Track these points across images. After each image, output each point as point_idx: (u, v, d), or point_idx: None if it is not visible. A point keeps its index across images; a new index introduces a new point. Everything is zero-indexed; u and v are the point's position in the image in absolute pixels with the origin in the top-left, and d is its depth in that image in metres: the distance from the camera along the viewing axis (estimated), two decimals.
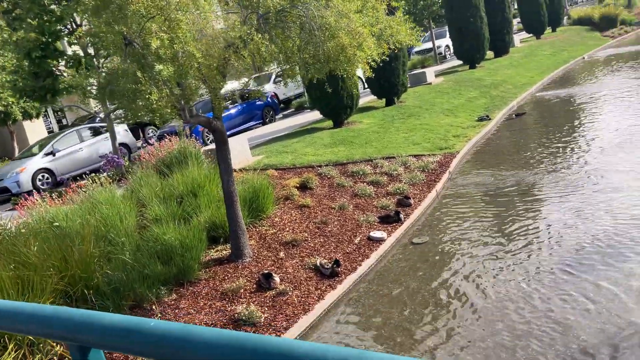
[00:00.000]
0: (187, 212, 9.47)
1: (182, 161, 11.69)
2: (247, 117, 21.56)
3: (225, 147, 8.30)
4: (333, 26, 6.67)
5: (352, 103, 16.24)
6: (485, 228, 9.28)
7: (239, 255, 8.56)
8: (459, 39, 25.06)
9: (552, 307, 6.47)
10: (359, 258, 8.73)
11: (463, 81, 22.26)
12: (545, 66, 25.73)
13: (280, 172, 12.46)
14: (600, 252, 7.51)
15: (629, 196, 9.09)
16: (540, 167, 11.72)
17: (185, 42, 6.28)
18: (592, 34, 35.21)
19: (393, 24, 8.05)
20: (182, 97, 6.86)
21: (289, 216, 10.18)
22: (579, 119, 15.79)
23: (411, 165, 12.47)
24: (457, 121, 16.63)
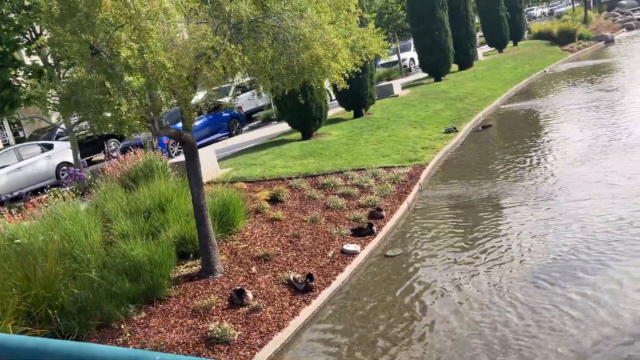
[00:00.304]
0: (155, 227, 9.19)
1: (148, 174, 11.38)
2: (213, 129, 21.29)
3: (196, 160, 8.09)
4: (307, 37, 6.57)
5: (321, 115, 16.19)
6: (457, 240, 9.28)
7: (209, 270, 8.33)
8: (425, 52, 25.37)
9: (527, 320, 6.46)
10: (333, 272, 8.60)
11: (429, 94, 22.50)
12: (509, 79, 26.25)
13: (249, 184, 12.27)
14: (570, 263, 7.57)
15: (594, 207, 9.24)
16: (508, 178, 11.85)
17: (156, 52, 6.08)
18: (552, 48, 36.16)
19: (366, 35, 8.03)
20: (152, 109, 6.65)
21: (260, 230, 10.00)
22: (543, 130, 16.10)
23: (382, 177, 12.45)
24: (425, 133, 16.75)
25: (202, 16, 7.43)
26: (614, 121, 14.98)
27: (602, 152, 12.24)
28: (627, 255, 7.40)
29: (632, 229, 8.11)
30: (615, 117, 15.49)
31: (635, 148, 11.96)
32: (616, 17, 49.55)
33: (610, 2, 63.11)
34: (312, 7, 7.04)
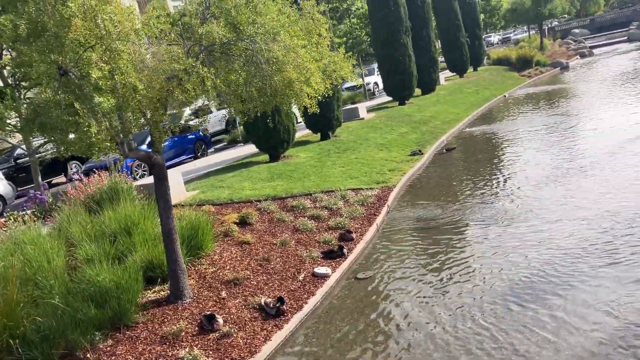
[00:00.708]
0: (121, 251, 8.95)
1: (113, 197, 11.12)
2: (178, 151, 21.07)
3: (165, 183, 7.95)
4: (281, 60, 6.59)
5: (289, 137, 16.21)
6: (426, 262, 9.34)
7: (178, 296, 8.14)
8: (389, 76, 25.79)
9: (502, 342, 6.52)
10: (305, 295, 8.52)
11: (394, 117, 22.82)
12: (470, 103, 26.88)
13: (217, 207, 12.12)
14: (539, 284, 7.71)
15: (562, 229, 9.46)
16: (474, 200, 12.05)
17: (127, 73, 5.99)
18: (510, 74, 37.27)
19: (337, 59, 8.11)
20: (122, 131, 6.53)
21: (229, 253, 9.86)
22: (505, 153, 16.48)
23: (350, 199, 12.49)
24: (392, 155, 16.93)
25: (173, 38, 7.38)
26: (571, 145, 15.48)
27: (563, 174, 12.60)
28: (592, 276, 7.59)
29: (600, 251, 8.32)
30: (572, 140, 16.02)
31: (593, 170, 12.36)
32: (570, 45, 51.56)
33: (564, 31, 65.79)
34: (285, 31, 7.08)
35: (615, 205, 10.00)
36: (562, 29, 66.91)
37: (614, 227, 9.01)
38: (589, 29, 67.44)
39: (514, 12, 48.33)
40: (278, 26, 6.98)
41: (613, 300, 6.84)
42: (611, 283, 7.28)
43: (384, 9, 24.82)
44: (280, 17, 7.20)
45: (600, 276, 7.53)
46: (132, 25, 6.25)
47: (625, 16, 69.13)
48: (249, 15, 7.04)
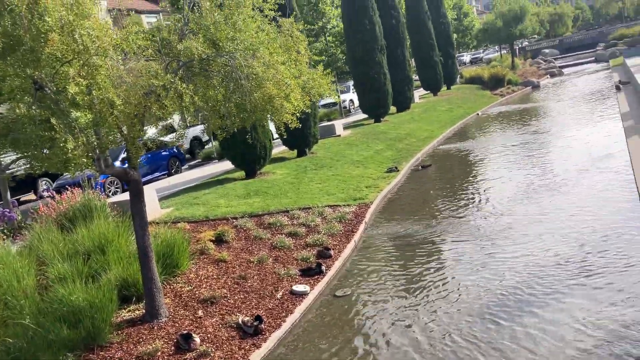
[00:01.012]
0: (95, 270, 8.75)
1: (86, 215, 10.90)
2: (151, 168, 20.81)
3: (141, 200, 7.83)
4: (260, 76, 6.59)
5: (265, 153, 16.16)
6: (404, 278, 9.35)
7: (154, 315, 7.98)
8: (365, 93, 25.99)
9: (478, 356, 6.54)
10: (283, 314, 8.43)
11: (370, 134, 22.96)
12: (444, 121, 27.22)
13: (193, 225, 11.97)
14: (518, 299, 7.77)
15: (539, 245, 9.58)
16: (450, 217, 12.14)
17: (105, 88, 5.91)
18: (483, 92, 37.92)
19: (316, 76, 8.14)
20: (99, 146, 6.42)
21: (206, 272, 9.72)
22: (479, 170, 16.69)
23: (328, 216, 12.47)
24: (368, 172, 17.00)
25: (151, 53, 7.32)
26: (543, 162, 15.75)
27: (536, 191, 12.79)
28: (573, 292, 7.68)
29: (575, 267, 8.44)
30: (543, 157, 16.31)
31: (565, 187, 12.59)
32: (540, 65, 52.79)
33: (534, 50, 67.41)
34: (264, 48, 7.09)
35: (589, 221, 10.17)
36: (533, 49, 68.58)
37: (588, 243, 9.15)
38: (558, 49, 69.25)
39: (485, 32, 49.34)
40: (257, 43, 6.98)
41: (585, 318, 6.92)
42: (585, 299, 7.37)
43: (359, 27, 25.08)
44: (259, 34, 7.21)
45: (574, 292, 7.62)
46: (110, 41, 6.17)
47: (592, 37, 71.28)
48: (228, 31, 7.04)
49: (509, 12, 46.10)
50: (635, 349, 6.08)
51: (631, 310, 6.85)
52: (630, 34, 56.02)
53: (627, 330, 6.45)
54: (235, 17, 7.15)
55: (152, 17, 40.80)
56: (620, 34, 58.54)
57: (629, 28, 61.54)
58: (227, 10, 7.11)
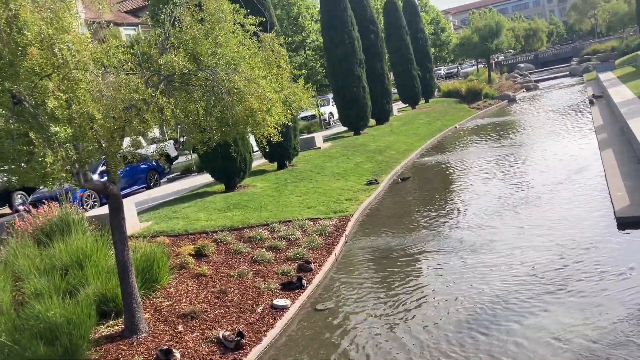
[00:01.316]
0: (73, 285, 8.64)
1: (64, 229, 10.77)
2: (130, 181, 20.60)
3: (121, 214, 7.77)
4: (242, 90, 6.62)
5: (245, 166, 16.13)
6: (385, 291, 9.39)
7: (133, 330, 7.89)
8: (344, 106, 26.15)
9: None
10: (264, 328, 8.39)
11: (350, 146, 23.09)
12: (423, 134, 27.50)
13: (172, 239, 11.88)
14: (498, 312, 7.85)
15: (520, 258, 9.71)
16: (429, 230, 12.24)
17: (85, 102, 5.88)
18: (460, 106, 38.42)
19: (297, 90, 8.20)
20: (78, 161, 6.36)
21: (185, 286, 9.65)
22: (458, 183, 16.89)
23: (308, 229, 12.47)
24: (348, 185, 17.08)
25: (131, 67, 7.31)
26: (519, 175, 16.00)
27: (514, 204, 12.97)
28: (555, 304, 7.80)
29: (553, 279, 8.57)
30: (520, 170, 16.57)
31: (541, 200, 12.81)
32: (516, 79, 53.76)
33: (510, 65, 68.61)
34: (246, 62, 7.13)
35: (565, 234, 10.35)
36: (509, 63, 69.85)
37: (564, 256, 9.30)
38: (534, 63, 70.68)
39: (462, 46, 50.11)
40: (239, 57, 7.02)
41: (561, 328, 7.03)
42: (562, 309, 7.49)
43: (338, 42, 25.30)
44: (240, 49, 7.25)
45: (553, 302, 7.74)
46: (90, 55, 6.16)
47: (566, 52, 72.95)
48: (209, 46, 7.07)
49: (485, 27, 46.96)
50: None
51: (604, 321, 6.97)
52: (603, 49, 57.45)
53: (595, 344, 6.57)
54: (216, 32, 7.18)
55: (131, 30, 40.65)
56: (593, 49, 60.01)
57: (601, 43, 63.16)
58: (207, 25, 7.15)
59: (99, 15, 7.24)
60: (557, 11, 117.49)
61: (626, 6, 59.78)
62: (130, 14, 42.81)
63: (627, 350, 6.24)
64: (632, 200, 10.98)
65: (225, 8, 7.25)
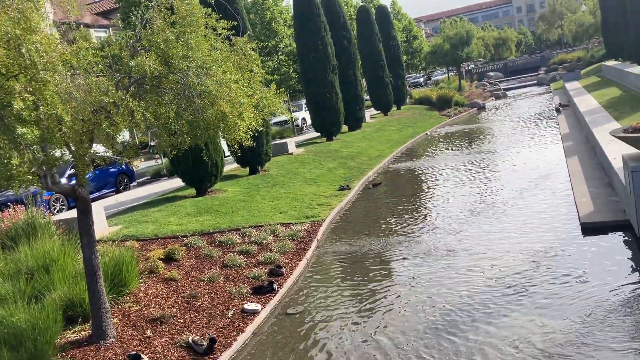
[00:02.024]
0: (39, 290, 8.50)
1: (30, 233, 10.57)
2: (99, 185, 20.31)
3: (89, 218, 7.67)
4: (213, 94, 6.61)
5: (217, 171, 16.06)
6: (356, 295, 9.45)
7: (101, 335, 7.78)
8: (317, 112, 26.23)
9: None
10: (234, 332, 8.36)
11: (322, 152, 23.16)
12: (395, 140, 27.75)
13: (141, 243, 11.76)
14: (469, 315, 7.97)
15: (480, 264, 9.88)
16: (400, 234, 12.35)
17: (53, 104, 5.80)
18: (431, 113, 38.88)
19: (269, 95, 8.22)
20: (45, 163, 6.27)
21: (155, 291, 9.56)
22: (429, 189, 17.09)
23: (280, 234, 12.48)
24: (320, 190, 17.13)
25: (101, 69, 7.24)
26: (488, 181, 16.28)
27: (483, 210, 13.19)
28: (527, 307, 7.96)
29: (524, 285, 8.74)
30: (489, 177, 16.86)
31: (507, 206, 13.06)
32: (486, 87, 54.67)
33: (480, 73, 69.77)
34: (217, 66, 7.12)
35: (532, 239, 10.57)
36: (479, 72, 71.02)
37: (536, 260, 9.50)
38: (503, 72, 72.01)
39: (434, 54, 50.76)
40: (210, 61, 7.01)
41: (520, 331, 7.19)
42: (522, 312, 7.65)
43: (311, 47, 25.40)
44: (212, 53, 7.24)
45: (525, 305, 7.90)
46: (59, 56, 6.08)
47: (534, 62, 74.58)
48: (180, 49, 7.04)
49: (456, 36, 47.70)
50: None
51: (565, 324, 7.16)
52: (569, 59, 58.85)
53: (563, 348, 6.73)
54: (188, 35, 7.16)
55: (102, 32, 40.09)
56: (560, 59, 61.42)
57: (568, 54, 64.70)
58: (179, 28, 7.13)
59: (68, 17, 7.16)
60: (526, 21, 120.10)
61: (591, 18, 61.40)
62: (101, 16, 42.21)
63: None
64: (595, 206, 11.28)
65: (197, 11, 7.25)
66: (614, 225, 10.30)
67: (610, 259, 9.09)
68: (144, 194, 18.60)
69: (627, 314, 7.15)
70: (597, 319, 7.14)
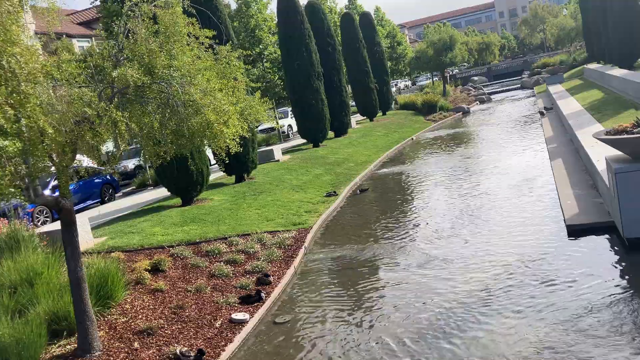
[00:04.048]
0: (22, 304, 8.39)
1: (13, 246, 10.45)
2: (83, 196, 20.15)
3: (73, 229, 7.58)
4: (198, 102, 6.58)
5: (202, 180, 15.97)
6: (344, 303, 9.42)
7: (86, 349, 7.68)
8: (303, 119, 26.26)
9: None
10: (222, 343, 8.29)
11: (309, 159, 23.15)
12: (381, 146, 27.83)
13: (127, 254, 11.65)
14: (457, 319, 7.98)
15: (469, 270, 9.90)
16: (388, 241, 12.36)
17: (35, 116, 5.73)
18: (417, 118, 39.06)
19: (253, 103, 8.20)
20: (28, 175, 6.19)
21: (141, 302, 9.46)
22: (416, 194, 17.13)
23: (267, 242, 12.42)
24: (307, 197, 17.10)
25: (84, 79, 7.17)
26: (474, 185, 16.34)
27: (468, 214, 13.24)
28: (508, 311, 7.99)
29: (511, 282, 8.78)
30: (474, 180, 16.94)
31: (493, 209, 13.13)
32: (470, 91, 55.00)
33: (464, 78, 70.29)
34: (201, 75, 7.09)
35: (519, 242, 10.62)
36: (463, 76, 71.56)
37: (518, 262, 9.54)
38: (487, 76, 72.65)
39: (418, 59, 51.06)
40: (194, 70, 6.98)
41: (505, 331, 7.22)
42: (507, 314, 7.68)
43: (296, 54, 25.45)
44: (196, 62, 7.22)
45: (502, 306, 7.93)
46: (40, 67, 6.01)
47: (518, 65, 75.31)
48: (163, 59, 7.01)
49: (440, 41, 48.02)
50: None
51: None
52: (552, 62, 59.45)
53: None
54: (171, 44, 7.13)
55: (84, 42, 39.86)
56: (543, 62, 62.04)
57: (550, 57, 65.38)
58: (162, 38, 7.09)
59: (49, 28, 7.10)
60: (509, 25, 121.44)
61: (573, 21, 62.24)
62: (84, 26, 41.98)
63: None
64: (580, 208, 11.37)
65: (180, 21, 7.21)
66: (598, 226, 10.38)
67: (595, 260, 9.16)
68: (129, 204, 18.46)
69: (612, 314, 7.19)
70: (581, 319, 7.18)
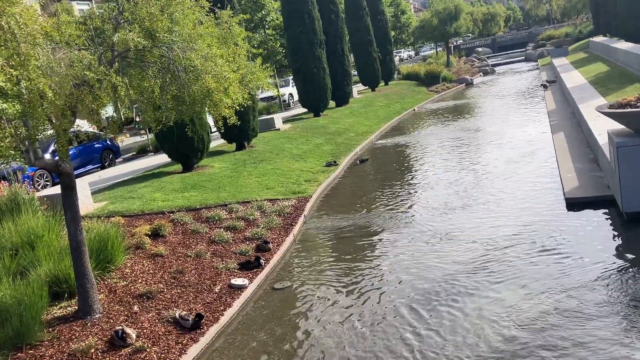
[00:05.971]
0: (24, 266, 8.46)
1: (13, 209, 10.48)
2: (83, 161, 20.15)
3: (73, 193, 7.60)
4: (199, 68, 6.52)
5: (203, 147, 15.95)
6: (342, 270, 9.51)
7: (87, 311, 7.78)
8: (304, 88, 26.06)
9: (417, 345, 6.77)
10: (221, 307, 8.40)
11: (309, 128, 23.08)
12: (382, 116, 27.71)
13: (127, 219, 11.70)
14: (451, 289, 8.07)
15: (465, 239, 9.97)
16: (386, 210, 12.41)
17: (35, 79, 5.68)
18: (419, 89, 38.80)
19: (254, 70, 8.13)
20: (28, 137, 6.18)
21: (141, 266, 9.55)
22: (415, 164, 17.12)
23: (267, 210, 12.48)
24: (307, 166, 17.11)
25: (84, 42, 7.10)
26: (474, 157, 16.33)
27: (467, 186, 13.26)
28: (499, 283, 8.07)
29: (509, 253, 8.85)
30: (475, 152, 16.92)
31: (493, 182, 13.13)
32: (474, 63, 54.51)
33: (468, 49, 69.55)
34: (202, 40, 7.01)
35: (518, 215, 10.66)
36: (467, 47, 70.79)
37: (516, 234, 9.60)
38: (491, 47, 71.89)
39: (422, 29, 50.45)
40: (195, 35, 6.90)
41: None
42: (504, 285, 7.77)
43: (298, 21, 25.12)
44: (197, 27, 7.13)
45: (498, 275, 8.01)
46: (40, 28, 5.94)
47: (522, 37, 74.49)
48: (165, 23, 6.92)
49: (445, 11, 47.36)
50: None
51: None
52: (557, 35, 58.73)
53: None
54: (172, 8, 7.04)
55: (84, 4, 39.28)
56: (548, 34, 61.28)
57: (556, 29, 64.55)
58: (163, 1, 6.99)
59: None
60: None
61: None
62: None
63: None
64: (580, 181, 11.38)
65: None
66: (598, 200, 10.41)
67: (593, 233, 9.21)
68: (129, 169, 18.48)
69: (609, 287, 7.27)
70: (578, 292, 7.26)
